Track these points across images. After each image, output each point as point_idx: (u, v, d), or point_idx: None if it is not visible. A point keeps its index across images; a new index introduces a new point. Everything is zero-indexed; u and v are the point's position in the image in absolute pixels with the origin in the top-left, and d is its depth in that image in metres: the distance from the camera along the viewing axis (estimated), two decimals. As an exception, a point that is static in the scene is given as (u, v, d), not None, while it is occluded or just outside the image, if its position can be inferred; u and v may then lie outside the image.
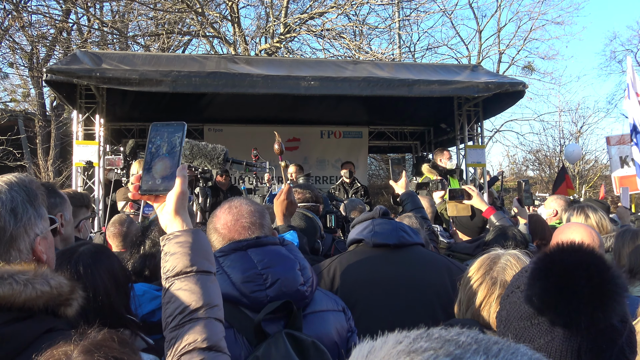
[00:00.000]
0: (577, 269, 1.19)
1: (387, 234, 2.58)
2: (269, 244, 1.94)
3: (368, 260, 2.56)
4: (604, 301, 1.16)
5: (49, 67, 7.06)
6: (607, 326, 1.17)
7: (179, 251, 1.44)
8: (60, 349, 1.08)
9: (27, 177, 1.49)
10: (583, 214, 3.65)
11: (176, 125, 1.62)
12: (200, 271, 1.44)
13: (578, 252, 1.24)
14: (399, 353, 0.53)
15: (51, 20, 14.87)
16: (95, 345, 1.09)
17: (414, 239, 2.63)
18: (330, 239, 3.85)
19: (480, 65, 11.28)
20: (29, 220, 1.41)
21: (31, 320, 1.26)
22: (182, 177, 1.51)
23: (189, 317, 1.38)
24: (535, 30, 22.87)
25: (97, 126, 8.17)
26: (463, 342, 0.54)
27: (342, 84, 7.68)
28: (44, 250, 1.45)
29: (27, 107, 16.65)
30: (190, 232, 1.48)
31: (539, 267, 1.26)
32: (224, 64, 8.00)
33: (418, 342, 0.54)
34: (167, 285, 1.44)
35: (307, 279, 1.93)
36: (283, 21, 15.03)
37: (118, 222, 3.88)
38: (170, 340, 1.38)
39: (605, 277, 1.18)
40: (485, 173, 9.73)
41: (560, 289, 1.18)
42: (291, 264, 1.91)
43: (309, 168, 11.22)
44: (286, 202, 2.95)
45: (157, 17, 14.69)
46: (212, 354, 1.35)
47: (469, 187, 3.65)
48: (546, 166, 23.74)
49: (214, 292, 1.45)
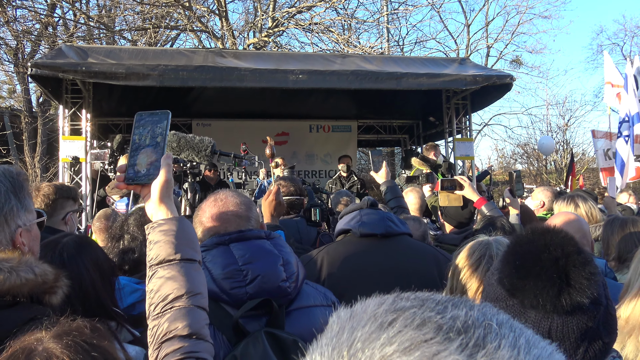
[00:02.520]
0: (543, 250, 1.21)
1: (374, 224, 2.57)
2: (252, 238, 1.87)
3: (355, 250, 2.56)
4: (570, 283, 1.17)
5: (34, 62, 6.97)
6: (575, 308, 1.17)
7: (162, 239, 1.43)
8: (33, 335, 1.09)
9: (16, 169, 1.48)
10: (573, 203, 3.67)
11: (160, 114, 1.61)
12: (184, 259, 1.43)
13: (547, 234, 1.25)
14: (385, 312, 0.54)
15: (36, 14, 14.69)
16: (66, 331, 1.09)
17: (401, 228, 2.63)
18: (314, 232, 3.85)
19: (468, 59, 11.32)
20: (10, 210, 1.39)
21: (15, 308, 1.25)
22: (166, 165, 1.50)
23: (170, 305, 1.37)
24: (523, 24, 23.02)
25: (84, 121, 8.10)
26: (440, 300, 0.56)
27: (331, 78, 7.68)
28: (25, 243, 1.43)
29: (13, 103, 16.51)
30: (175, 220, 1.47)
31: (509, 250, 1.29)
32: (211, 58, 7.96)
33: (398, 303, 0.55)
34: (151, 274, 1.43)
35: (290, 274, 1.85)
36: (271, 15, 14.98)
37: (103, 216, 3.84)
38: (153, 327, 1.38)
39: (572, 259, 1.19)
40: (473, 166, 9.77)
41: (526, 271, 1.20)
42: (273, 259, 1.84)
43: (298, 162, 11.22)
44: (274, 203, 3.00)
45: (144, 11, 14.54)
46: (194, 342, 1.35)
47: (461, 178, 3.65)
48: (534, 159, 23.87)
49: (198, 280, 1.44)
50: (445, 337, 0.49)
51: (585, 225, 2.88)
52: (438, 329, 0.50)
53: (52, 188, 3.07)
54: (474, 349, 0.48)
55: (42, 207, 2.98)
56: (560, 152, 22.90)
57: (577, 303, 1.16)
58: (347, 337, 0.52)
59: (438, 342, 0.48)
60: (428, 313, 0.52)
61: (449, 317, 0.52)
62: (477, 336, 0.50)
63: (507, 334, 0.51)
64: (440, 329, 0.50)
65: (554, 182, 20.50)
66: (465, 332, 0.50)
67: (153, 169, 1.52)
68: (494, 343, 0.49)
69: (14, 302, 1.26)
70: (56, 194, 3.05)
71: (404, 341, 0.49)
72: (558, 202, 3.83)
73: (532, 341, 0.52)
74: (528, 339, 0.52)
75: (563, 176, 20.28)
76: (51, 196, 3.02)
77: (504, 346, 0.49)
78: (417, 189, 5.47)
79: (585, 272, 1.18)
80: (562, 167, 21.72)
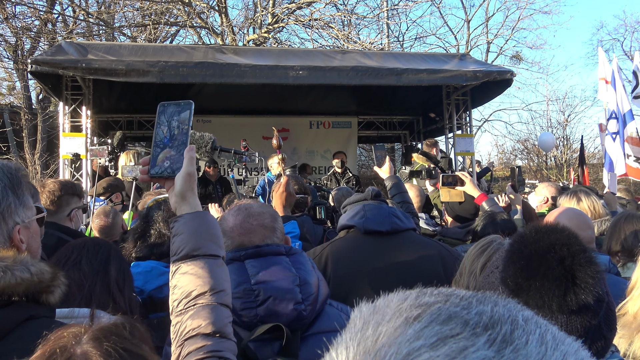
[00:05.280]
0: (549, 250, 1.19)
1: (379, 221, 2.53)
2: (270, 254, 1.76)
3: (360, 248, 2.52)
4: (577, 282, 1.16)
5: (34, 58, 6.95)
6: (580, 307, 1.17)
7: (185, 234, 1.40)
8: (70, 330, 1.05)
9: (15, 165, 1.46)
10: (575, 197, 3.66)
11: (183, 104, 1.55)
12: (207, 255, 1.40)
13: (551, 233, 1.24)
14: (410, 307, 0.53)
15: (35, 11, 14.63)
16: (105, 332, 1.05)
17: (406, 224, 2.61)
18: (321, 230, 3.85)
19: (468, 54, 11.29)
20: (8, 207, 1.37)
21: (10, 308, 1.24)
22: (189, 158, 1.46)
23: (193, 302, 1.35)
24: (523, 19, 22.95)
25: (84, 118, 8.08)
26: (464, 296, 0.55)
27: (331, 74, 7.67)
28: (24, 240, 1.42)
29: (13, 100, 16.45)
30: (199, 215, 1.44)
31: (512, 249, 1.27)
32: (211, 54, 7.94)
33: (422, 298, 0.55)
34: (174, 269, 1.41)
35: (307, 295, 1.69)
36: (271, 11, 14.94)
37: (103, 213, 3.83)
38: (176, 324, 1.35)
39: (577, 258, 1.18)
40: (474, 162, 9.76)
41: (532, 271, 1.19)
42: (289, 279, 1.70)
43: (298, 159, 11.21)
44: (285, 194, 3.05)
45: (143, 7, 14.51)
46: (217, 340, 1.32)
47: (463, 174, 3.66)
48: (534, 155, 23.86)
49: (221, 276, 1.41)
50: (473, 333, 0.49)
51: (588, 221, 2.87)
52: (465, 324, 0.50)
53: (57, 184, 3.06)
54: (501, 345, 0.48)
55: (48, 204, 2.98)
56: (561, 147, 22.89)
57: (582, 302, 1.16)
58: (372, 332, 0.52)
59: (465, 338, 0.48)
60: (453, 308, 0.52)
61: (475, 312, 0.51)
62: (504, 332, 0.49)
63: (533, 329, 0.51)
64: (467, 324, 0.50)
65: (554, 178, 20.49)
66: (493, 327, 0.49)
67: (176, 161, 1.48)
68: (521, 339, 0.49)
69: (10, 301, 1.24)
70: (61, 191, 3.05)
71: (431, 336, 0.48)
72: (562, 197, 3.82)
73: (558, 338, 0.52)
74: (555, 336, 0.52)
75: (564, 172, 20.30)
76: (56, 192, 3.02)
77: (531, 342, 0.49)
78: (415, 185, 5.47)
79: (591, 270, 1.18)
80: (563, 163, 21.73)
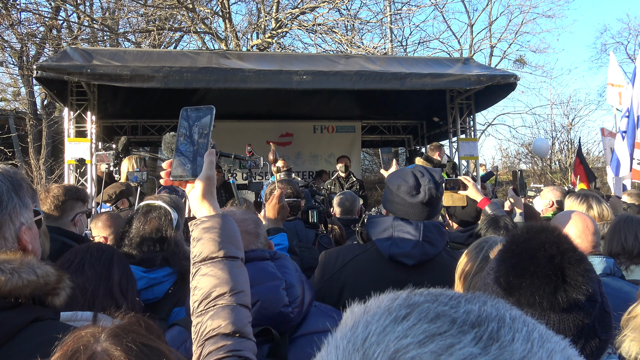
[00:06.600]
0: (539, 249, 1.22)
1: (406, 252, 2.31)
2: (255, 259, 1.78)
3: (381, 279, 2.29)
4: (567, 280, 1.18)
5: (39, 64, 7.01)
6: (572, 305, 1.19)
7: (205, 237, 1.44)
8: (88, 329, 1.07)
9: (12, 168, 1.49)
10: (586, 203, 3.64)
11: (205, 110, 1.61)
12: (227, 257, 1.43)
13: (542, 232, 1.26)
14: (399, 307, 0.55)
15: (40, 17, 14.75)
16: (123, 329, 1.07)
17: (439, 247, 2.37)
18: (313, 234, 3.84)
19: (472, 59, 11.31)
20: (14, 209, 1.39)
21: (17, 310, 1.25)
22: (209, 162, 1.51)
23: (213, 303, 1.38)
24: (527, 23, 23.02)
25: (89, 123, 8.14)
26: (454, 296, 0.56)
27: (334, 78, 7.69)
28: (29, 240, 1.44)
29: (18, 106, 16.54)
30: (218, 217, 1.47)
31: (505, 249, 1.30)
32: (215, 60, 7.98)
33: (412, 298, 0.56)
34: (194, 271, 1.44)
35: (293, 298, 1.73)
36: (274, 16, 14.99)
37: (105, 218, 3.85)
38: (196, 324, 1.39)
39: (567, 256, 1.20)
40: (478, 166, 9.76)
41: (522, 269, 1.21)
42: (275, 283, 1.73)
43: (302, 163, 11.22)
44: (278, 206, 3.09)
45: (147, 13, 14.58)
46: (237, 340, 1.34)
47: (465, 178, 3.65)
48: (538, 159, 23.81)
49: (240, 277, 1.44)
50: (460, 330, 0.50)
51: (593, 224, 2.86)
52: (452, 322, 0.51)
53: (61, 189, 3.08)
54: (487, 342, 0.49)
55: (52, 209, 3.00)
56: (565, 151, 22.84)
57: (573, 300, 1.18)
58: (362, 331, 0.53)
59: (452, 335, 0.49)
60: (442, 307, 0.53)
61: (463, 311, 0.53)
62: (490, 329, 0.50)
63: (520, 327, 0.52)
64: (454, 322, 0.51)
65: (558, 182, 20.45)
66: (479, 325, 0.51)
67: (196, 164, 1.52)
68: (507, 336, 0.50)
69: (17, 303, 1.26)
70: (66, 195, 3.06)
71: (419, 334, 0.50)
72: (571, 199, 3.79)
73: (545, 335, 0.53)
74: (541, 333, 0.53)
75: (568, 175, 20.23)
76: (61, 197, 3.03)
77: (517, 339, 0.50)
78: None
79: (580, 269, 1.20)
80: (567, 167, 21.66)
